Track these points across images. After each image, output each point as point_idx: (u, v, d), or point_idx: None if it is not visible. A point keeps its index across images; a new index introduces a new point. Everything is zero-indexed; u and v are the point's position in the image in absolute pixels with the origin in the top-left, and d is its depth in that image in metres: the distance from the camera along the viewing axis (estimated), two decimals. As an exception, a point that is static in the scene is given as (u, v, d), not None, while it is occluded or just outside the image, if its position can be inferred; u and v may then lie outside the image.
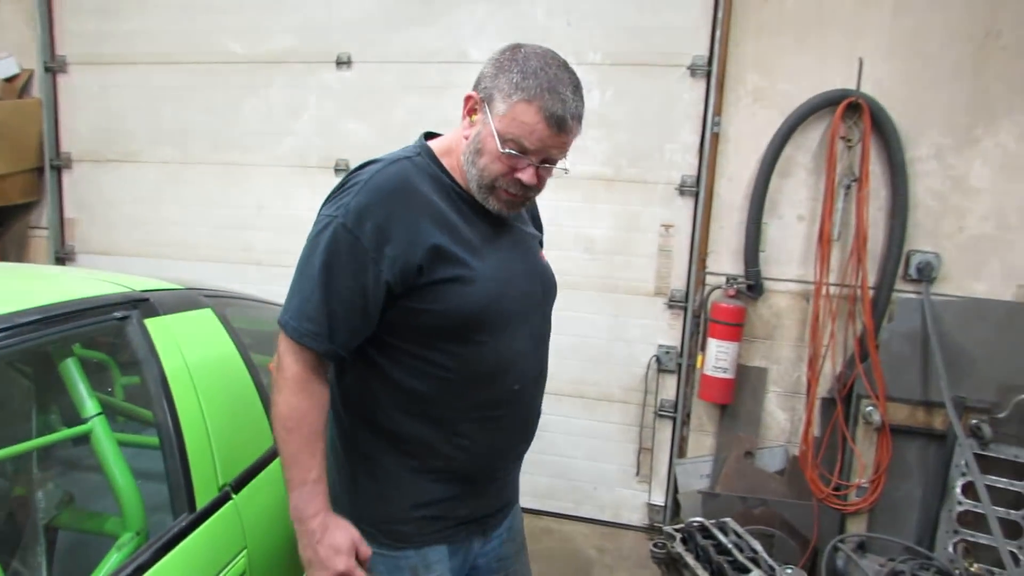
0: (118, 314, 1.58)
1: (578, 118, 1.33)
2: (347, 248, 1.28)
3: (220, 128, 3.97)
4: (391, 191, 1.31)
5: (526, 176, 1.33)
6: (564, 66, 1.33)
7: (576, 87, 1.32)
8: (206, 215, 4.03)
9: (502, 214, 1.40)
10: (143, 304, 1.66)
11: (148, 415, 1.65)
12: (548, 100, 1.28)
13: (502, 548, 1.61)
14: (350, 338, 1.32)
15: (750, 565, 2.61)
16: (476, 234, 1.38)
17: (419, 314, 1.32)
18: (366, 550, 1.34)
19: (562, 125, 1.30)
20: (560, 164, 1.37)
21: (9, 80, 4.13)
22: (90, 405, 1.46)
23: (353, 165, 3.65)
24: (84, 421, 1.44)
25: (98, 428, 1.45)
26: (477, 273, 1.33)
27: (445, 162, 1.41)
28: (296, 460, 1.31)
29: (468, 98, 1.36)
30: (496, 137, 1.30)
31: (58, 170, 4.24)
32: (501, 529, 1.60)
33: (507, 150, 1.30)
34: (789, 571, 2.41)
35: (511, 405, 1.45)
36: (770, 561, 2.60)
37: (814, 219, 3.27)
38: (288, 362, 1.31)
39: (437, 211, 1.34)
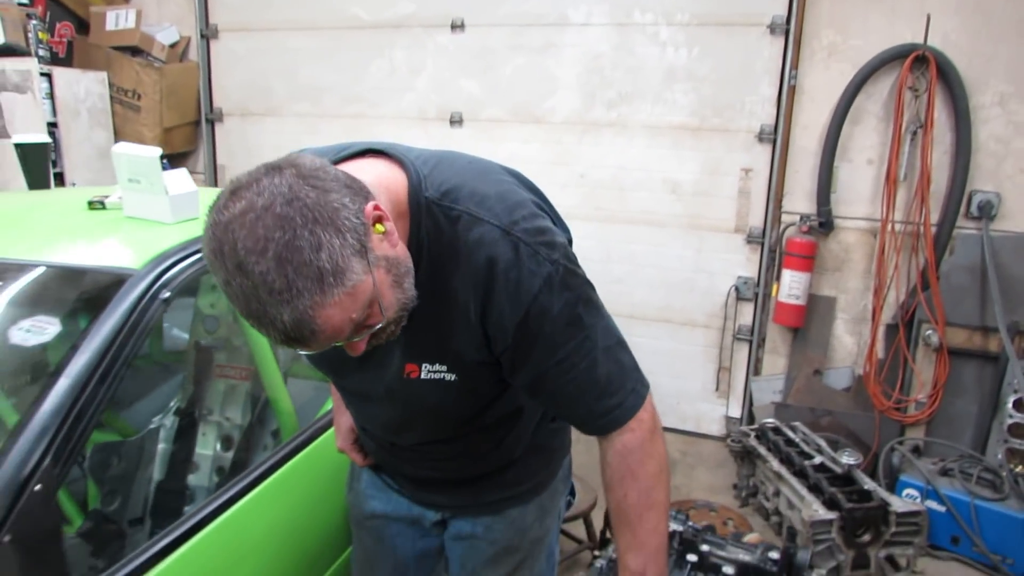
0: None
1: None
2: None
3: (349, 85, 4.55)
4: None
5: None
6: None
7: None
8: (337, 163, 4.63)
9: None
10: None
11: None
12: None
13: (460, 545, 1.58)
14: None
15: (814, 453, 3.07)
16: None
17: None
18: None
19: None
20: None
21: (171, 47, 4.81)
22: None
23: (465, 117, 4.22)
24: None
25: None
26: None
27: None
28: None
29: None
30: None
31: (212, 123, 4.92)
32: (462, 524, 1.56)
33: None
34: (847, 453, 2.86)
35: (395, 448, 1.48)
36: (832, 452, 3.05)
37: (882, 162, 3.63)
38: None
39: None
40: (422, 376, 1.23)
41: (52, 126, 4.40)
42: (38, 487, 1.18)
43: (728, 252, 3.97)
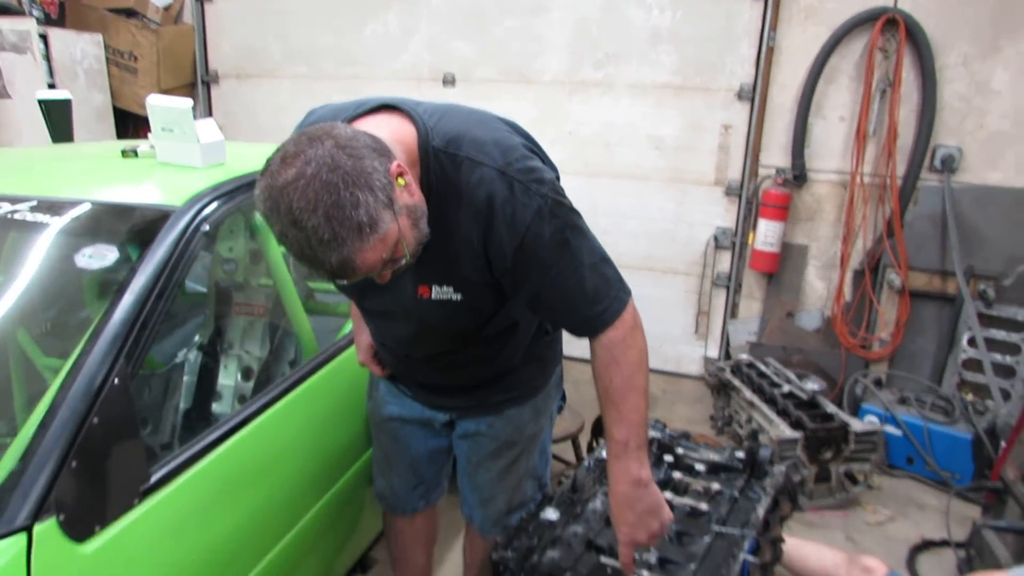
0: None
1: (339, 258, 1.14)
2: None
3: (345, 47, 4.70)
4: None
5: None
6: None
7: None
8: (333, 122, 4.80)
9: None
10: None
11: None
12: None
13: (466, 442, 1.85)
14: None
15: (783, 383, 3.35)
16: None
17: None
18: None
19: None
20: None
21: (166, 9, 4.93)
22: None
23: (458, 78, 4.39)
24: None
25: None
26: None
27: None
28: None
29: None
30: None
31: (208, 85, 5.07)
32: (467, 424, 1.82)
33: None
34: (811, 379, 3.13)
35: (409, 360, 1.74)
36: (799, 382, 3.33)
37: (853, 119, 3.85)
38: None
39: None
40: (432, 297, 1.46)
41: (50, 87, 4.48)
42: (116, 381, 1.40)
43: (708, 204, 4.21)
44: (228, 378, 2.51)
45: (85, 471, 1.30)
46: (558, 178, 1.45)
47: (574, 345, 1.49)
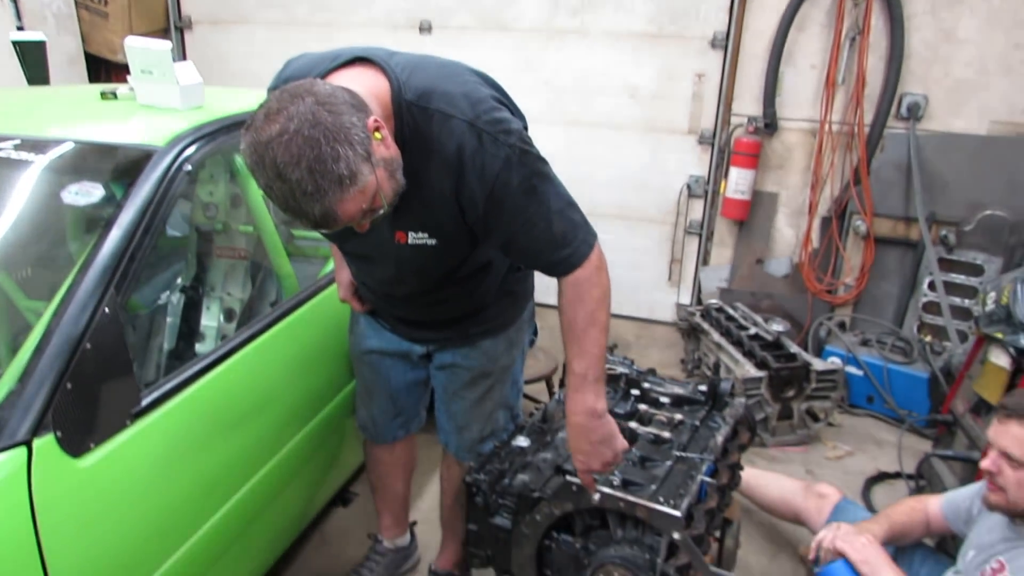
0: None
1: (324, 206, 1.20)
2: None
3: (321, -7, 4.66)
4: None
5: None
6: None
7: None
8: (309, 70, 4.78)
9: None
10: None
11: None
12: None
13: (443, 373, 1.96)
14: None
15: (751, 325, 3.47)
16: None
17: None
18: None
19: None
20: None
21: (137, -48, 4.84)
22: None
23: (434, 25, 4.38)
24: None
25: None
26: None
27: None
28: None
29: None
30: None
31: (181, 31, 5.01)
32: (444, 355, 1.92)
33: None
34: (776, 321, 3.26)
35: (389, 297, 1.85)
36: (765, 326, 3.46)
37: (823, 67, 3.92)
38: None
39: None
40: (409, 242, 1.56)
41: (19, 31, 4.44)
42: (107, 309, 1.47)
43: (681, 152, 4.27)
44: (211, 319, 2.56)
45: (79, 392, 1.38)
46: (526, 128, 1.51)
47: (551, 294, 1.58)
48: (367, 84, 1.36)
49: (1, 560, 1.21)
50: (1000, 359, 2.69)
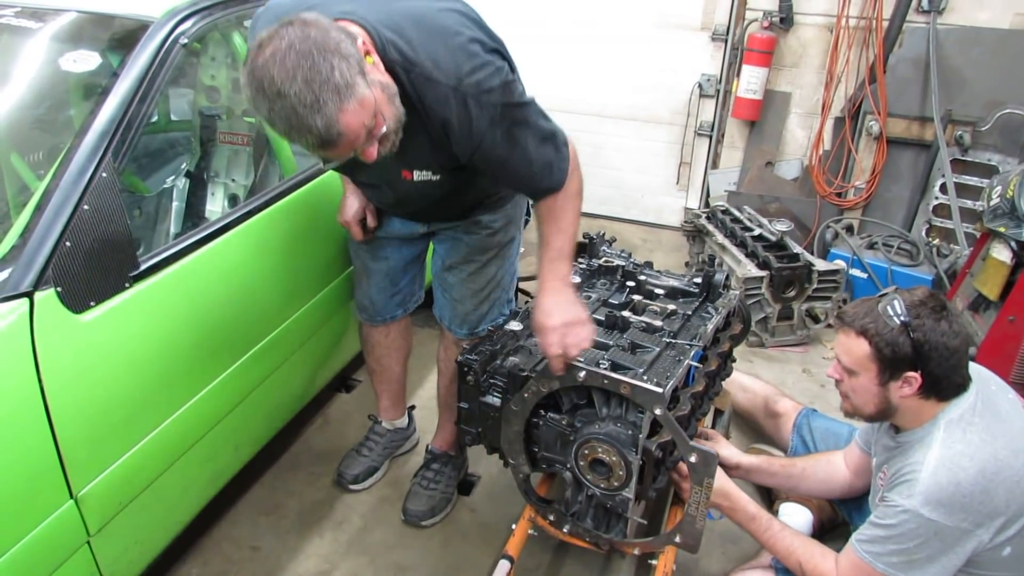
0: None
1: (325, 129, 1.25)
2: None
3: None
4: None
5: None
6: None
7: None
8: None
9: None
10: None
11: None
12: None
13: (443, 245, 2.05)
14: None
15: (755, 227, 3.46)
16: None
17: None
18: None
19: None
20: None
21: None
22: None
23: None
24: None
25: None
26: None
27: None
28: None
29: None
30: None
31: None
32: (445, 230, 2.01)
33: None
34: (780, 221, 3.25)
35: (397, 209, 1.96)
36: (770, 226, 3.44)
37: (843, -42, 3.77)
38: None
39: None
40: (414, 179, 1.70)
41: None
42: (104, 174, 1.50)
43: (694, 50, 4.17)
44: (215, 204, 2.60)
45: (79, 251, 1.42)
46: (512, 68, 1.56)
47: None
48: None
49: (6, 401, 1.27)
50: (1002, 254, 2.69)
